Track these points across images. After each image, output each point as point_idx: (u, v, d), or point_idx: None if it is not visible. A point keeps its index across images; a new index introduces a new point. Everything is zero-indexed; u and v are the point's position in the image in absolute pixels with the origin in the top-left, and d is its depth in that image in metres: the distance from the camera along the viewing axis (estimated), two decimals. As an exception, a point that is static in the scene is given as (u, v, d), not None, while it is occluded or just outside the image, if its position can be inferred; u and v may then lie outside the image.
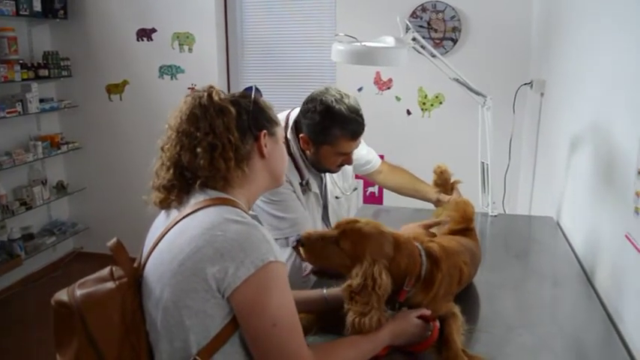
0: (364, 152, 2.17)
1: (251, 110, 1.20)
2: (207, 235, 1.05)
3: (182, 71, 4.07)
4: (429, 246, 1.30)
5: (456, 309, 1.30)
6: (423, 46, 2.09)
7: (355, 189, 2.27)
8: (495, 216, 2.38)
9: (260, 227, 1.09)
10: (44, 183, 4.09)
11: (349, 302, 1.18)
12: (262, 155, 1.22)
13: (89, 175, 4.44)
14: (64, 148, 4.20)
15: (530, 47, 3.39)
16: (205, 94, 1.18)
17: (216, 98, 1.17)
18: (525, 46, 3.41)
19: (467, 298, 1.49)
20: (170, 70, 4.08)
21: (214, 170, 1.14)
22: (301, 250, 1.25)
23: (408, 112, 3.72)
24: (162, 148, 1.21)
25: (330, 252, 1.23)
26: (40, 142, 3.97)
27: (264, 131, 1.21)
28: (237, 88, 3.98)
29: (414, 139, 3.70)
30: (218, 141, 1.13)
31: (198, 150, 1.13)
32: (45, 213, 4.33)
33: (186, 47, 4.03)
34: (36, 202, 3.99)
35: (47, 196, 4.12)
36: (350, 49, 1.98)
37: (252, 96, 1.22)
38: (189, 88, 3.95)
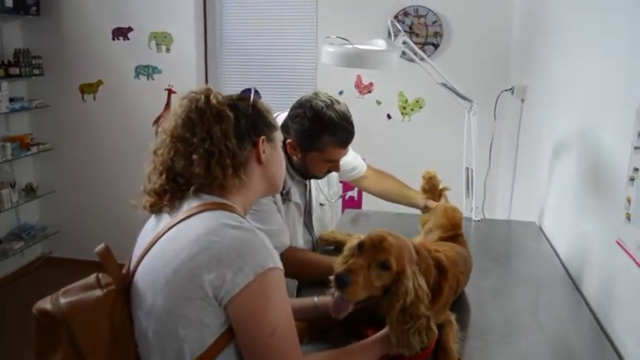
0: (350, 158, 2.15)
1: (249, 114, 1.17)
2: (203, 240, 1.02)
3: (159, 72, 4.00)
4: (437, 256, 1.29)
5: (452, 317, 1.30)
6: (413, 50, 2.09)
7: (340, 196, 2.25)
8: (479, 221, 2.39)
9: (258, 232, 1.07)
10: (13, 185, 3.97)
11: (402, 322, 1.12)
12: (260, 161, 1.19)
13: (60, 177, 4.32)
14: (34, 149, 4.08)
15: (511, 53, 3.44)
16: (202, 96, 1.14)
17: (213, 101, 1.13)
18: (506, 51, 3.45)
19: (458, 305, 1.48)
20: (147, 71, 4.00)
21: (211, 178, 1.11)
22: (345, 289, 1.14)
23: (389, 117, 3.73)
24: (154, 152, 1.17)
25: (375, 278, 1.15)
26: (9, 143, 3.85)
27: (263, 137, 1.19)
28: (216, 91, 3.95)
29: (394, 144, 3.71)
30: (215, 148, 1.10)
31: (194, 157, 1.10)
32: (13, 216, 4.21)
33: (163, 47, 3.96)
34: (4, 205, 3.87)
35: (16, 199, 4.00)
36: (341, 52, 1.96)
37: (251, 99, 1.20)
38: (166, 89, 3.91)
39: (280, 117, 1.87)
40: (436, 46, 3.52)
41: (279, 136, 1.27)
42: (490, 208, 3.17)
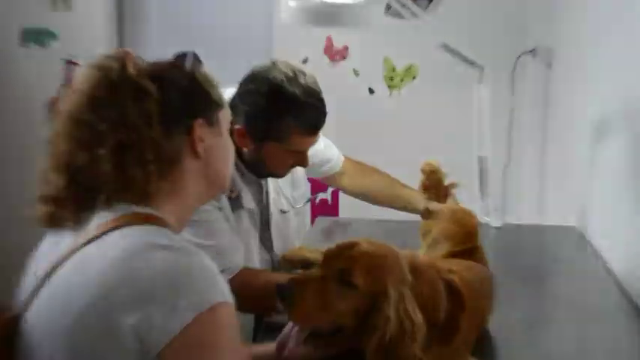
0: (321, 147, 2.14)
1: (183, 88, 1.13)
2: (121, 268, 0.97)
3: (55, 38, 3.89)
4: (450, 278, 1.26)
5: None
6: (401, 3, 2.07)
7: (309, 200, 2.25)
8: (499, 227, 2.41)
9: (200, 254, 1.02)
10: None
11: None
12: (196, 154, 1.14)
13: None
14: None
15: (531, 5, 3.45)
16: (116, 64, 1.09)
17: (131, 71, 1.08)
18: (524, 3, 3.47)
19: (480, 345, 1.43)
20: (38, 37, 3.91)
21: (125, 180, 1.05)
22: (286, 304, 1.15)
23: (371, 91, 3.75)
24: (50, 142, 1.10)
25: (335, 296, 1.13)
26: None
27: (200, 120, 1.14)
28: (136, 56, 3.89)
29: (380, 127, 3.72)
30: (131, 138, 1.05)
31: (101, 152, 1.04)
32: None
33: (61, 4, 3.86)
34: None
35: None
36: (308, 7, 1.99)
37: (188, 66, 1.16)
38: (67, 62, 3.80)
39: (226, 94, 1.84)
40: (431, -3, 3.52)
41: (225, 116, 1.23)
42: (513, 211, 3.19)
